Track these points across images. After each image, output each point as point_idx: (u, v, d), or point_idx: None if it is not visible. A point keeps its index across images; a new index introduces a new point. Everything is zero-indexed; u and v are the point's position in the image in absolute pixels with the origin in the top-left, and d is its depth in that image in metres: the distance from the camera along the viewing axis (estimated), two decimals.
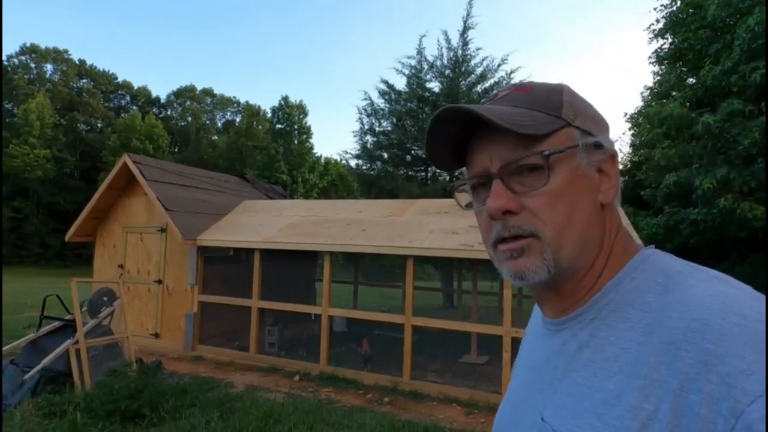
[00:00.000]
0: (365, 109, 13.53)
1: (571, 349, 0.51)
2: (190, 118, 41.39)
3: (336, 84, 71.37)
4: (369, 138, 13.61)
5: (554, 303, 0.55)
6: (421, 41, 13.36)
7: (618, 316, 0.48)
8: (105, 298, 4.94)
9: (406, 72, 13.15)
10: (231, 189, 8.71)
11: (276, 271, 7.12)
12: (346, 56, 73.45)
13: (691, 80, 9.04)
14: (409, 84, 13.08)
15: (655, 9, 9.23)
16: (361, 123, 13.69)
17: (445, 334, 7.04)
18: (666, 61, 9.16)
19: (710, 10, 7.58)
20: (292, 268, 8.01)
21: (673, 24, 8.91)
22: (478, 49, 15.58)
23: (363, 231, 5.85)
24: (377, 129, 13.57)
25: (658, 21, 9.13)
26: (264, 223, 6.82)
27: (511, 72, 13.89)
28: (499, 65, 12.75)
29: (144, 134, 31.94)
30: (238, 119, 42.51)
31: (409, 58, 13.14)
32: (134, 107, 39.22)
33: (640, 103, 14.44)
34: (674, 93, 10.10)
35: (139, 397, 3.50)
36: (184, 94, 41.94)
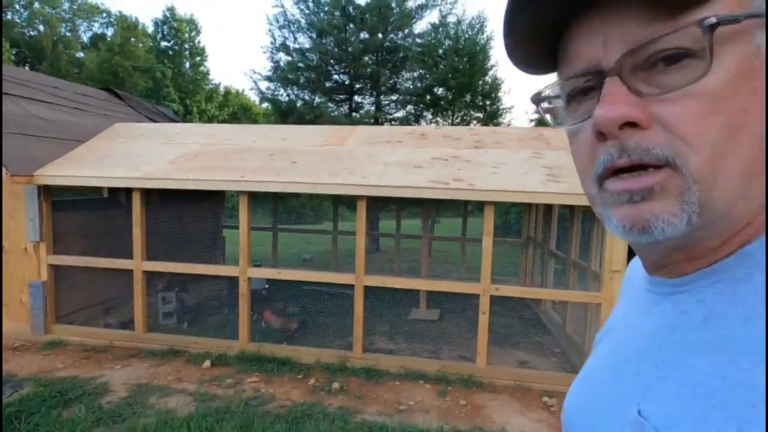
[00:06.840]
0: (277, 19, 11.12)
1: (694, 320, 0.34)
2: (42, 27, 32.66)
3: None
4: (282, 56, 11.36)
5: (673, 262, 0.38)
6: None
7: None
8: None
9: None
10: (95, 107, 6.28)
11: (167, 219, 5.30)
12: None
13: None
14: None
15: None
16: (272, 37, 11.30)
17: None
18: None
19: None
20: (190, 213, 6.18)
21: None
22: None
23: (293, 164, 4.30)
24: (292, 46, 11.33)
25: None
26: (146, 152, 4.85)
27: None
28: None
29: None
30: (109, 34, 34.70)
31: None
32: None
33: None
34: None
35: None
36: None
